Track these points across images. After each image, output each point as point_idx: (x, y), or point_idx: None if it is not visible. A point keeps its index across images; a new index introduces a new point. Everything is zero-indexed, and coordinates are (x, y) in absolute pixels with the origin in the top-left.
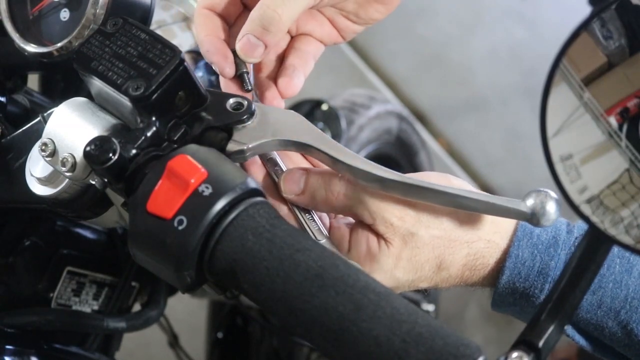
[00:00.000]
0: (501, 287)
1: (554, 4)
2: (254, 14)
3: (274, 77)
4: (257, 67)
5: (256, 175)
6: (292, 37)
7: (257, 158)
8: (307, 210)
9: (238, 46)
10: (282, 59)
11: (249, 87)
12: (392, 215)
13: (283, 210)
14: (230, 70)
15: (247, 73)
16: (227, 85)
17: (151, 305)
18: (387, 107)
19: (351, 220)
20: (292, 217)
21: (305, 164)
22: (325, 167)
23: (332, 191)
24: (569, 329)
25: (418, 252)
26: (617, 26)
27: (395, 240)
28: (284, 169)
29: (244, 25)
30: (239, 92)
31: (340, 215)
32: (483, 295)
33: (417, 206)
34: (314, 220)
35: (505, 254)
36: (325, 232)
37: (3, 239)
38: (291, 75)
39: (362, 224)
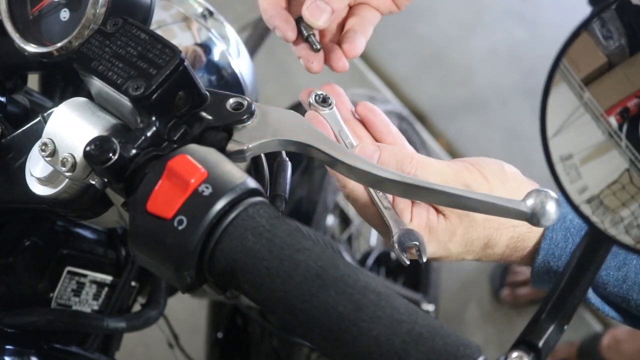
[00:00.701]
0: (537, 266)
1: (554, 4)
2: None
3: (337, 42)
4: (320, 34)
5: None
6: (350, 8)
7: (330, 131)
8: None
9: (306, 11)
10: (342, 27)
11: (318, 47)
12: None
13: (352, 181)
14: (292, 33)
15: (314, 35)
16: (297, 48)
17: (151, 305)
18: (387, 107)
19: None
20: (360, 188)
21: (367, 136)
22: (397, 144)
23: (403, 170)
24: (597, 301)
25: (471, 229)
26: (617, 26)
27: (453, 217)
28: (354, 143)
29: None
30: (309, 54)
31: None
32: (483, 295)
33: (475, 189)
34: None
35: (542, 236)
36: (390, 201)
37: (3, 239)
38: (353, 37)
39: None
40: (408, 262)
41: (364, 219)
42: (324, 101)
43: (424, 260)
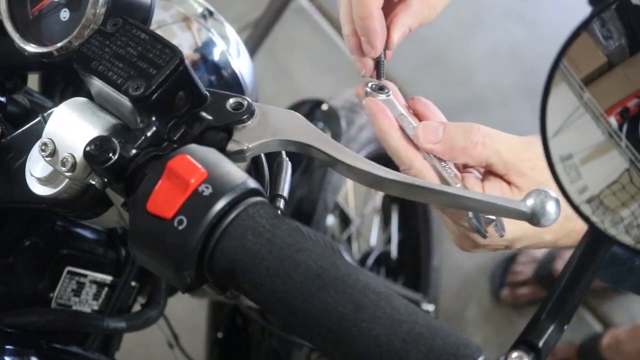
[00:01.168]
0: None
1: (554, 4)
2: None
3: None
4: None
5: (391, 129)
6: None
7: (390, 114)
8: (441, 159)
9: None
10: None
11: (381, 78)
12: (524, 165)
13: (418, 159)
14: (380, 47)
15: (384, 60)
16: (364, 63)
17: (151, 305)
18: None
19: (477, 175)
20: (427, 167)
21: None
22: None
23: (472, 140)
24: None
25: None
26: (617, 26)
27: (528, 187)
28: (414, 124)
29: (404, 18)
30: (370, 68)
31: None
32: (483, 295)
33: None
34: (450, 168)
35: None
36: (459, 178)
37: (3, 239)
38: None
39: (493, 174)
40: (488, 235)
41: None
42: (381, 89)
43: (504, 234)
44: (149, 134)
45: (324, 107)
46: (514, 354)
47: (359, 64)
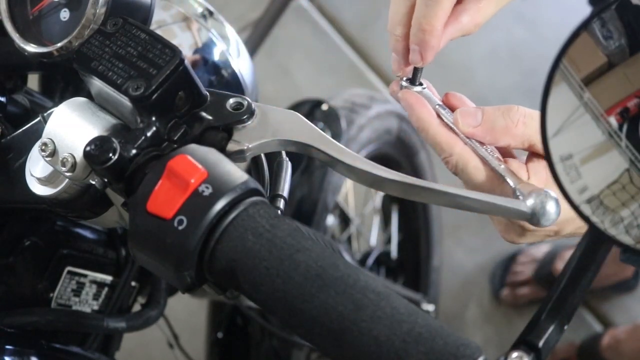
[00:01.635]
0: None
1: (554, 4)
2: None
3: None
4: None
5: (430, 118)
6: None
7: (427, 104)
8: (482, 143)
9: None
10: None
11: (418, 82)
12: None
13: (459, 145)
14: (430, 60)
15: (422, 68)
16: (403, 67)
17: (151, 305)
18: (387, 107)
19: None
20: (469, 151)
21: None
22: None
23: (512, 119)
24: None
25: None
26: (617, 26)
27: None
28: (450, 114)
29: (450, 31)
30: (406, 71)
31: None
32: (483, 295)
33: None
34: (491, 151)
35: None
36: (502, 160)
37: (3, 239)
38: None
39: (537, 155)
40: None
41: (473, 185)
42: (413, 82)
43: None
44: (149, 134)
45: (324, 107)
46: (514, 354)
47: (396, 64)
